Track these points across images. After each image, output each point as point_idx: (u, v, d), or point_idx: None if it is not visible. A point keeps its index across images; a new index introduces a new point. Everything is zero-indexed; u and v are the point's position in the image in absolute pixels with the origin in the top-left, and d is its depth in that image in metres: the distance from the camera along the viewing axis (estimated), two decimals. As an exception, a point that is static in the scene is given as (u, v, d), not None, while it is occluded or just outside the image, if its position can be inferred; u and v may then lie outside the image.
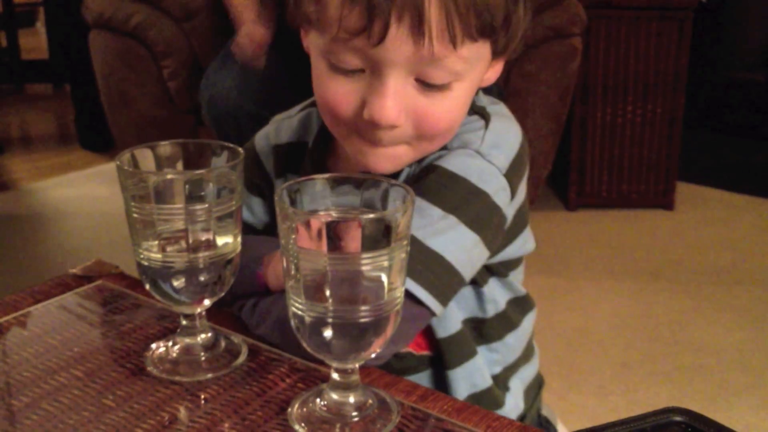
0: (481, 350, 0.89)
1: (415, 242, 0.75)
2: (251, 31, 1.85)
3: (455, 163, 0.79)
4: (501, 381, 0.90)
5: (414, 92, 0.73)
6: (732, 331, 1.96)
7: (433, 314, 0.77)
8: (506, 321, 0.90)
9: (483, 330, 0.89)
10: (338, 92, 0.75)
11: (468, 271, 0.80)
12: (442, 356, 0.86)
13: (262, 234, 0.94)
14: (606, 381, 1.76)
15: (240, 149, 0.71)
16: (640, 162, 2.68)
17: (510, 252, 0.87)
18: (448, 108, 0.75)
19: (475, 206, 0.78)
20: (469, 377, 0.87)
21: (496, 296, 0.88)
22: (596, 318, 2.04)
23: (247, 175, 0.88)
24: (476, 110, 0.83)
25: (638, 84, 2.60)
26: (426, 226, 0.76)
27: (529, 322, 0.94)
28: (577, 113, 2.62)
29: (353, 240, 0.58)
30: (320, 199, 0.64)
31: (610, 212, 2.70)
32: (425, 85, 0.73)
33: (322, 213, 0.63)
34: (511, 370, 0.92)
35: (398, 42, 0.69)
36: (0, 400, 0.69)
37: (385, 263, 0.59)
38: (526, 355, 0.95)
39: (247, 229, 0.92)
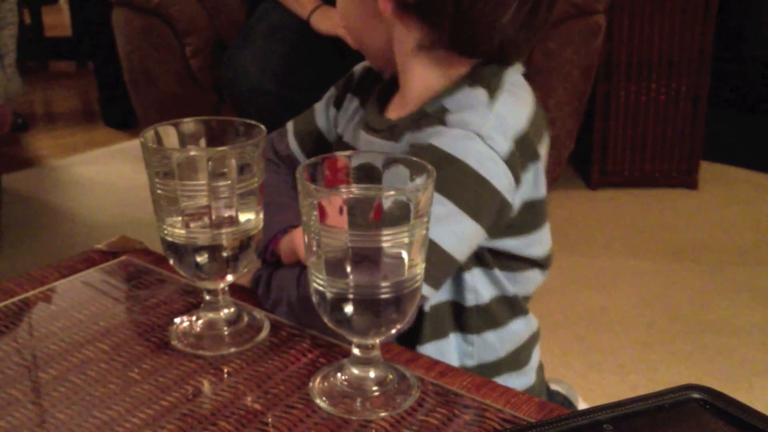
0: (456, 338, 0.88)
1: None
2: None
3: (453, 145, 0.77)
4: None
5: None
6: (754, 311, 1.95)
7: (426, 298, 0.79)
8: (488, 316, 0.88)
9: (462, 318, 0.87)
10: None
11: (464, 256, 0.80)
12: (413, 329, 0.85)
13: (327, 144, 1.00)
14: (626, 360, 1.76)
15: (262, 126, 0.72)
16: (664, 141, 2.66)
17: (507, 245, 0.85)
18: None
19: (474, 192, 0.77)
20: (436, 357, 0.86)
21: (478, 287, 0.86)
22: (617, 297, 2.04)
23: (338, 91, 1.00)
24: (489, 85, 0.81)
25: (662, 62, 2.58)
26: None
27: (521, 327, 0.91)
28: (600, 91, 2.59)
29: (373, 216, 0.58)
30: (342, 176, 0.64)
31: (632, 191, 2.68)
32: None
33: (343, 190, 0.64)
34: (490, 370, 0.89)
35: None
36: (28, 373, 0.70)
37: (406, 240, 0.59)
38: (515, 363, 0.92)
39: (317, 137, 1.00)
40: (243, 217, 0.71)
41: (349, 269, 0.60)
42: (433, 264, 0.76)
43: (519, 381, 0.93)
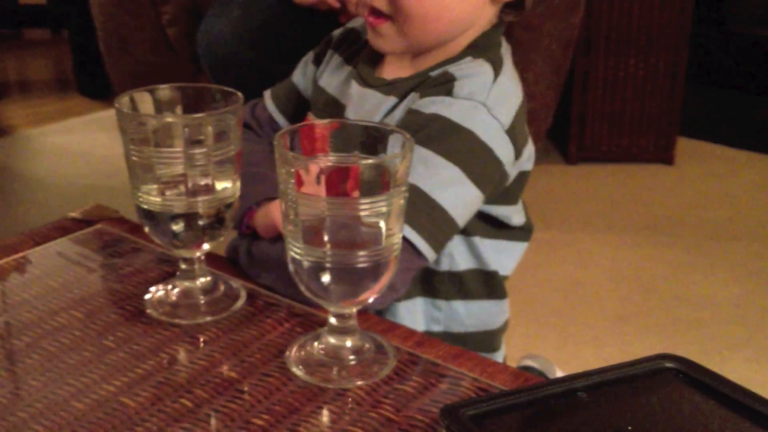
0: (423, 302, 0.88)
1: (420, 193, 0.76)
2: None
3: (460, 115, 0.79)
4: None
5: None
6: (728, 286, 1.97)
7: (427, 261, 0.79)
8: (460, 285, 0.88)
9: (431, 281, 0.88)
10: None
11: (464, 221, 0.82)
12: None
13: (304, 101, 0.98)
14: (601, 333, 1.78)
15: (239, 94, 0.71)
16: (642, 116, 2.67)
17: (496, 211, 0.87)
18: None
19: (479, 159, 0.79)
20: (399, 318, 0.86)
21: (454, 253, 0.87)
22: (593, 271, 2.05)
23: (317, 51, 0.97)
24: (492, 59, 0.83)
25: (641, 37, 2.58)
26: (431, 177, 0.77)
27: (493, 309, 0.92)
28: (579, 66, 2.59)
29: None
30: (320, 144, 0.64)
31: (610, 166, 2.69)
32: None
33: (321, 158, 0.63)
34: (457, 342, 0.89)
35: None
36: (1, 340, 0.69)
37: (383, 209, 0.59)
38: (484, 346, 0.92)
39: (294, 94, 0.99)
40: (220, 185, 0.70)
41: (326, 238, 0.60)
42: (438, 226, 0.77)
43: None
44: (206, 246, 0.72)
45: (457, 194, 0.78)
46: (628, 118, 2.67)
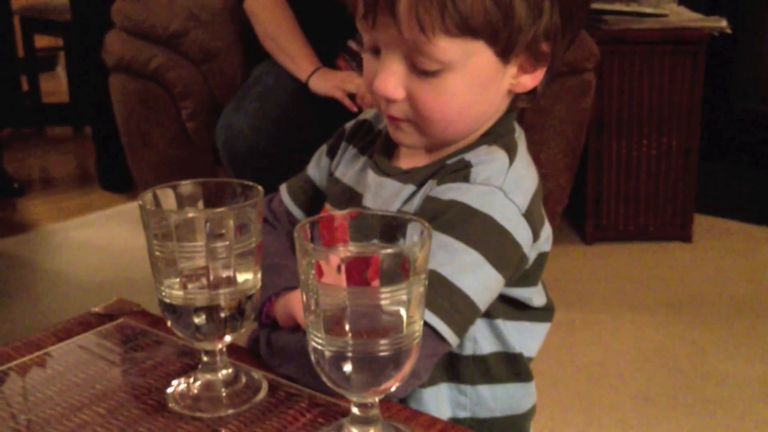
0: (450, 387, 0.88)
1: (441, 279, 0.76)
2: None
3: (478, 201, 0.80)
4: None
5: (411, 75, 0.81)
6: (754, 364, 1.94)
7: (450, 346, 0.79)
8: (484, 369, 0.88)
9: (456, 366, 0.87)
10: (367, 68, 0.85)
11: (485, 306, 0.82)
12: None
13: (320, 193, 1.00)
14: (627, 415, 1.75)
15: (259, 187, 0.73)
16: (657, 194, 2.68)
17: (517, 293, 0.87)
18: (438, 93, 0.81)
19: (498, 243, 0.80)
20: (424, 405, 0.85)
21: (477, 335, 0.86)
22: (616, 352, 2.03)
23: (330, 143, 0.99)
24: (506, 145, 0.85)
25: (653, 117, 2.61)
26: (452, 262, 0.77)
27: (519, 392, 0.91)
28: (592, 147, 2.62)
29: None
30: (339, 234, 0.65)
31: (627, 245, 2.69)
32: (418, 70, 0.80)
33: (341, 248, 0.64)
34: (484, 427, 0.88)
35: (384, 27, 0.78)
36: (24, 438, 0.69)
37: (404, 297, 0.60)
38: (514, 430, 0.91)
39: (310, 187, 1.01)
40: (241, 277, 0.71)
41: (347, 327, 0.60)
42: (460, 311, 0.77)
43: None
44: (228, 338, 0.73)
45: (478, 278, 0.79)
46: (643, 196, 2.68)
